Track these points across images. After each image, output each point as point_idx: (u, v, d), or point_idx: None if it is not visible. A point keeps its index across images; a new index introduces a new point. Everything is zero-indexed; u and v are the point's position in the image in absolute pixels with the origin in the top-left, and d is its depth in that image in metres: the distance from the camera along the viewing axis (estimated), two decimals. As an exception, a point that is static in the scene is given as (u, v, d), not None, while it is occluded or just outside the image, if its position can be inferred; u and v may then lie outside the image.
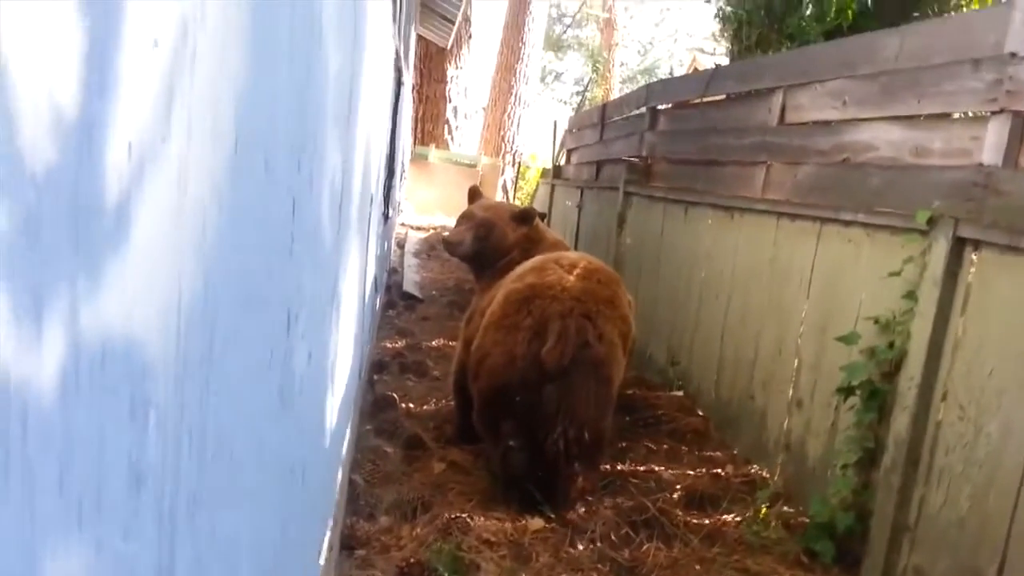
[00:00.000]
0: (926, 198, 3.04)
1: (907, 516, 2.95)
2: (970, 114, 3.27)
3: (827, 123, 3.97)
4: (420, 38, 14.26)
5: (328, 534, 2.32)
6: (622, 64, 27.01)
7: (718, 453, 4.26)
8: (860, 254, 3.43)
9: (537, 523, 3.35)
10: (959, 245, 2.82)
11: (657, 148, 6.14)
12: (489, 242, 4.91)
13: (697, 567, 3.01)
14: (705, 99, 5.50)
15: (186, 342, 0.75)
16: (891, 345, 3.07)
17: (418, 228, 13.10)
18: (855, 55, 3.78)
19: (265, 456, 1.08)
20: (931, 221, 2.93)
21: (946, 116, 3.32)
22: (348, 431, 3.14)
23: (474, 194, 5.53)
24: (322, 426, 1.82)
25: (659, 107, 6.21)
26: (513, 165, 16.71)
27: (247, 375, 0.97)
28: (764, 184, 4.36)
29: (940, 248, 2.87)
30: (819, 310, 3.70)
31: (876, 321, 3.16)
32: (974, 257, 2.79)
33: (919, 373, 2.90)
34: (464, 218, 5.16)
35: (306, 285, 1.37)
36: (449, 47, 15.22)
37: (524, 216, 4.98)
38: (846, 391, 3.21)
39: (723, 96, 5.44)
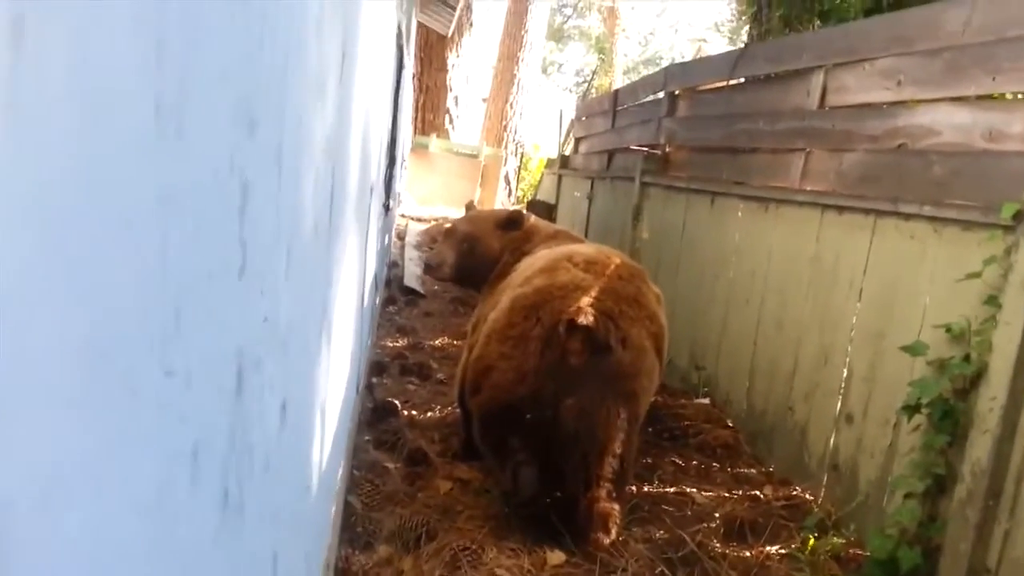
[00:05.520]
0: (1006, 188, 2.64)
1: (986, 556, 2.55)
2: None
3: (878, 105, 3.56)
4: (420, 25, 13.79)
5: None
6: (625, 55, 26.50)
7: (752, 470, 3.87)
8: (925, 252, 3.02)
9: (557, 557, 2.96)
10: (1055, 243, 2.42)
11: (677, 135, 5.72)
12: (475, 257, 4.57)
13: (746, 615, 2.62)
14: (730, 83, 5.08)
15: None
16: (967, 358, 2.66)
17: (419, 219, 12.68)
18: (912, 30, 3.37)
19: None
20: (1018, 215, 2.53)
21: (1025, 95, 2.92)
22: (343, 455, 2.74)
23: (468, 209, 5.34)
24: (303, 500, 1.41)
25: (678, 92, 5.79)
26: (516, 155, 16.29)
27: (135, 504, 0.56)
28: (803, 173, 3.95)
29: (1031, 246, 2.46)
30: (874, 315, 3.29)
31: (948, 329, 2.76)
32: (1074, 257, 2.38)
33: (1004, 391, 2.50)
34: (446, 235, 4.88)
35: (280, 312, 0.97)
36: (450, 35, 14.75)
37: (510, 221, 4.60)
38: (912, 409, 2.81)
39: (747, 80, 5.02)
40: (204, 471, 0.69)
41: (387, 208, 5.12)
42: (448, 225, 5.08)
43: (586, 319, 2.99)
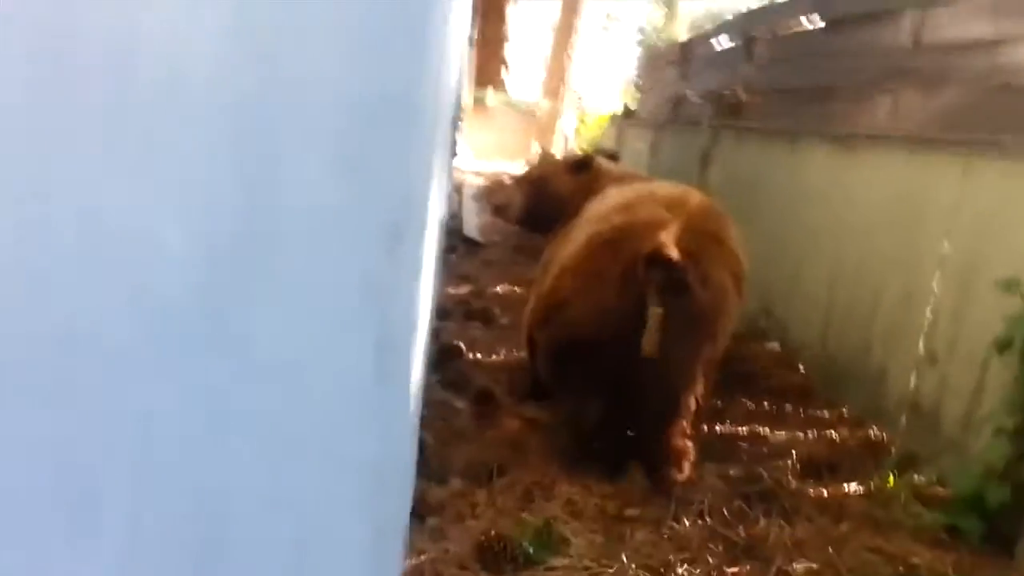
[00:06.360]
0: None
1: (1080, 495, 2.48)
2: None
3: (975, 42, 3.40)
4: (479, -24, 13.65)
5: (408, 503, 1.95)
6: (690, 10, 25.86)
7: (825, 413, 3.81)
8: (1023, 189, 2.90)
9: (632, 491, 2.95)
10: None
11: (754, 81, 5.58)
12: (545, 198, 4.58)
13: (828, 549, 2.58)
14: (814, 25, 4.93)
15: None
16: (1066, 295, 2.56)
17: (476, 173, 12.66)
18: (1014, -41, 3.21)
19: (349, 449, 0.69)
20: None
21: None
22: (421, 384, 2.76)
23: (542, 156, 5.39)
24: (409, 389, 1.42)
25: (757, 36, 5.63)
26: (574, 109, 16.12)
27: (324, 325, 0.56)
28: (892, 113, 3.82)
29: None
30: (965, 254, 3.19)
31: (1047, 266, 2.65)
32: None
33: (1107, 328, 2.40)
34: (517, 180, 4.94)
35: (420, 193, 0.95)
36: (510, -15, 14.59)
37: (581, 164, 4.59)
38: (1005, 344, 2.71)
39: (831, 21, 4.84)
40: (366, 307, 0.68)
41: (454, 152, 5.12)
42: (514, 174, 5.10)
43: (669, 253, 2.92)
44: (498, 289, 6.03)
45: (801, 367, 4.28)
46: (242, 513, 0.46)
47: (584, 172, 4.52)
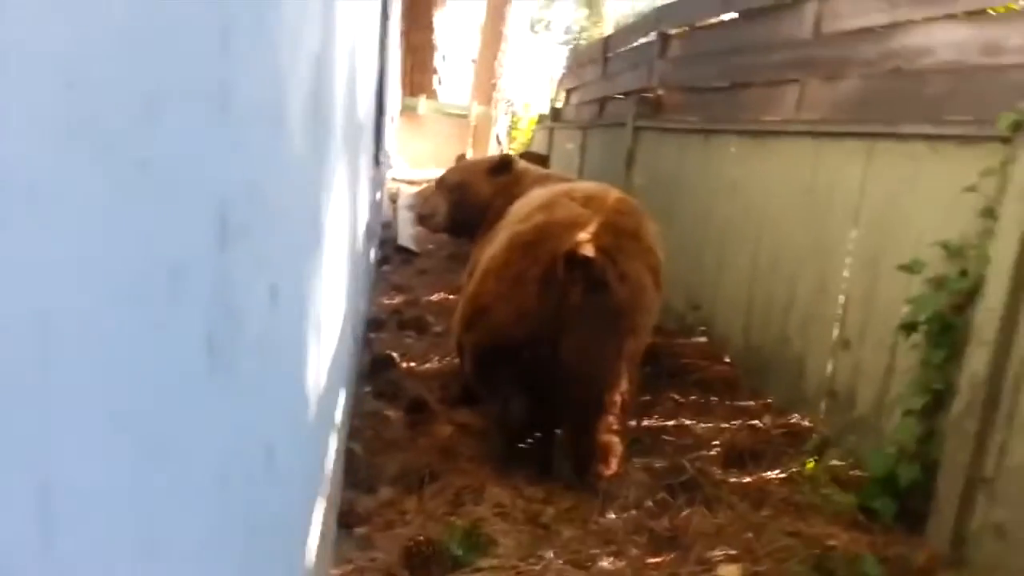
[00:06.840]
0: (1004, 101, 2.61)
1: (983, 467, 2.56)
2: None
3: (872, 29, 3.51)
4: (405, -16, 13.59)
5: (321, 514, 1.92)
6: (614, 9, 26.21)
7: (751, 403, 3.88)
8: (921, 172, 3.00)
9: (560, 489, 2.97)
10: (1052, 151, 2.40)
11: (669, 77, 5.67)
12: (466, 204, 4.56)
13: (748, 534, 2.63)
14: (723, 19, 5.03)
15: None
16: (963, 273, 2.65)
17: (411, 182, 12.58)
18: (904, -52, 3.31)
19: (179, 447, 0.67)
20: (1016, 126, 2.50)
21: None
22: (343, 395, 2.73)
23: (459, 160, 5.40)
24: (302, 392, 1.40)
25: (669, 32, 5.72)
26: (506, 114, 16.19)
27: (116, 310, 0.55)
28: (798, 104, 3.91)
29: (1027, 156, 2.44)
30: (871, 239, 3.28)
31: (945, 246, 2.74)
32: (1071, 164, 2.36)
33: (1001, 302, 2.49)
34: (438, 186, 4.91)
35: (263, 187, 0.94)
36: (436, -7, 14.58)
37: (500, 166, 4.58)
38: (909, 327, 2.80)
39: (740, 14, 4.96)
40: (185, 301, 0.66)
41: (377, 161, 5.08)
42: (438, 177, 5.06)
43: (586, 251, 2.95)
44: (433, 298, 6.01)
45: (727, 359, 4.36)
46: (72, 511, 0.45)
47: (504, 174, 4.51)
